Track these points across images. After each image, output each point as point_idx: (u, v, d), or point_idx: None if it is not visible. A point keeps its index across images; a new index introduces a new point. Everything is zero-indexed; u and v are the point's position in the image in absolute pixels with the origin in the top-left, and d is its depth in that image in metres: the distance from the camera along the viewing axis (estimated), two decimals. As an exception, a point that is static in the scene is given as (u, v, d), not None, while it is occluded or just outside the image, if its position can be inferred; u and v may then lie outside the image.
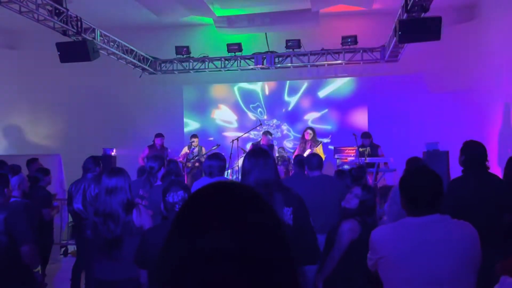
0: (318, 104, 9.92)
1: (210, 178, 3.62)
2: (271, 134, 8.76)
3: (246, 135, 9.18)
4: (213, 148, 8.61)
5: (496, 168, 6.48)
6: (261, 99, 10.22)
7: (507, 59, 6.95)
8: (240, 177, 2.83)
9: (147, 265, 2.50)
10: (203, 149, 8.97)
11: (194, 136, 9.06)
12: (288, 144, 9.91)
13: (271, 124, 10.10)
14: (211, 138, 10.14)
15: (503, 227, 3.31)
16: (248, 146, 8.80)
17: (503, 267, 1.80)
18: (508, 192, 3.40)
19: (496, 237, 3.16)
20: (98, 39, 7.68)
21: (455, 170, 4.23)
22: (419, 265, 1.84)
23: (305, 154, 7.56)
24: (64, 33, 7.02)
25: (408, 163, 4.24)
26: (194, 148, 8.87)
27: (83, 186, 4.60)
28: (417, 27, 6.41)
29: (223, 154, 3.91)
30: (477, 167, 3.45)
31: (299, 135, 9.15)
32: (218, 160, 3.68)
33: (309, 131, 8.19)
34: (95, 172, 4.65)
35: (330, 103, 9.85)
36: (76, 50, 7.13)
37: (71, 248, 6.92)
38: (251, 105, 10.25)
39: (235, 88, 10.32)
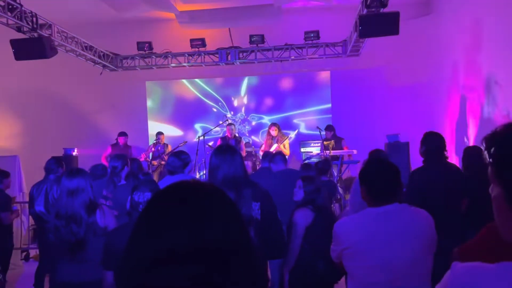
0: (283, 97, 10.02)
1: (172, 177, 3.59)
2: (234, 125, 8.71)
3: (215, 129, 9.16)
4: (180, 145, 8.53)
5: (454, 158, 6.76)
6: (225, 93, 10.20)
7: (462, 53, 7.25)
8: (207, 174, 2.84)
9: (113, 265, 2.47)
10: (169, 146, 8.86)
11: (160, 133, 8.93)
12: None
13: (236, 119, 10.11)
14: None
15: (461, 212, 3.47)
16: (211, 144, 8.79)
17: (459, 252, 1.90)
18: (466, 180, 3.57)
19: (456, 225, 3.31)
20: (56, 36, 7.42)
21: (416, 161, 4.38)
22: (380, 253, 1.92)
23: (272, 149, 7.62)
24: (19, 29, 6.71)
25: (370, 155, 4.35)
26: (159, 146, 8.75)
27: (45, 188, 4.48)
28: (377, 22, 6.57)
29: (186, 151, 3.88)
30: (436, 158, 3.58)
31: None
32: (177, 159, 3.65)
33: (274, 127, 8.24)
34: (58, 173, 4.55)
35: (294, 97, 9.96)
36: (32, 48, 6.84)
37: (33, 252, 6.70)
38: (219, 102, 10.21)
39: (199, 84, 10.26)
